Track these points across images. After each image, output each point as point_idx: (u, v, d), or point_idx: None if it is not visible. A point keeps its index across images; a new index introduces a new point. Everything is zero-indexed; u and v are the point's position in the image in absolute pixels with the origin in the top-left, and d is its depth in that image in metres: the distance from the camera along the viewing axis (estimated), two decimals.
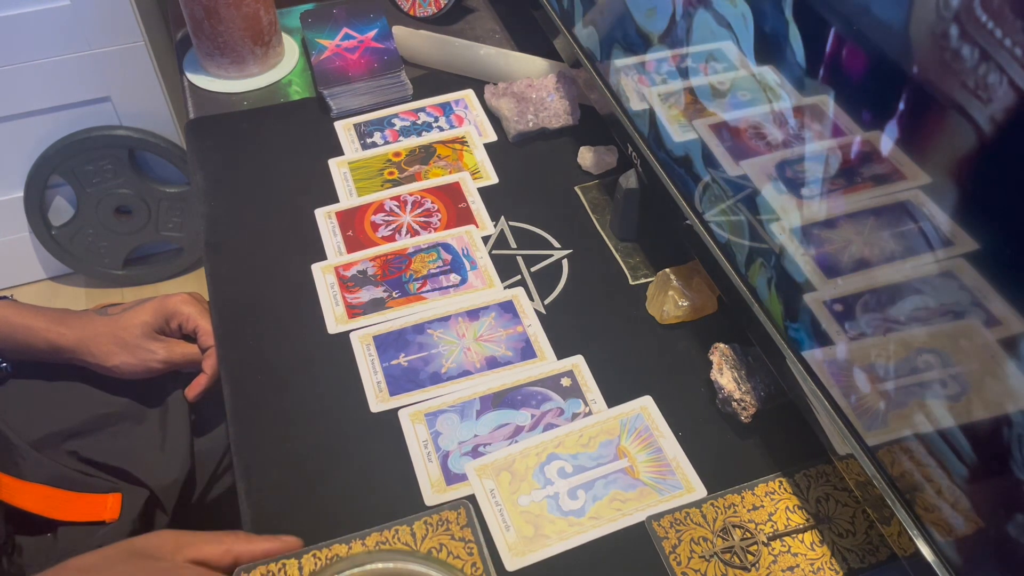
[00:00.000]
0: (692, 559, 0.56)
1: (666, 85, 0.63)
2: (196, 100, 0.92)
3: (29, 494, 0.71)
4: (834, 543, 0.57)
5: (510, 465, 0.61)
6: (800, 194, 0.49)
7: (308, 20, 0.95)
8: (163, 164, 1.66)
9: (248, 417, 0.65)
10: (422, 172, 0.83)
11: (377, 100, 0.90)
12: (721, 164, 0.57)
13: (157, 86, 1.56)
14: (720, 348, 0.64)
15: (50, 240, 1.68)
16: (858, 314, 0.47)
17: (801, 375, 0.54)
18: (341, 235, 0.77)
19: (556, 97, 0.86)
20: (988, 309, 0.37)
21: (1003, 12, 0.31)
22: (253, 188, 0.82)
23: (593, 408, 0.64)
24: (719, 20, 0.53)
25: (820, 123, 0.45)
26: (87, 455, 0.76)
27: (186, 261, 1.77)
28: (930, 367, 0.42)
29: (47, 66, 1.47)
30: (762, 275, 0.56)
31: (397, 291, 0.73)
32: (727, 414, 0.64)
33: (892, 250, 0.42)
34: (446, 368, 0.67)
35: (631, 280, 0.74)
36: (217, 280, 0.74)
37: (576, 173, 0.84)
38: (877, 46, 0.39)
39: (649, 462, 0.61)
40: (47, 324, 0.75)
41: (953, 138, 0.36)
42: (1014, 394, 0.37)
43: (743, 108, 0.53)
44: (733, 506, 0.59)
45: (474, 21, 1.01)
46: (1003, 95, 0.32)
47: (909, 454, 0.45)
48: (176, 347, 0.78)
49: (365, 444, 0.63)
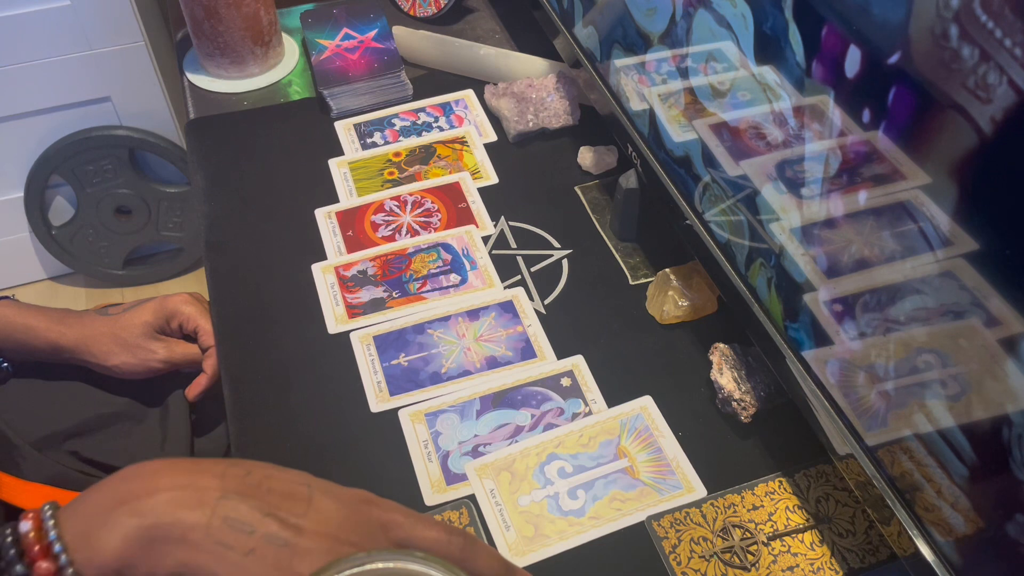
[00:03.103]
0: (692, 559, 0.56)
1: (666, 85, 0.63)
2: (196, 100, 0.92)
3: (29, 494, 0.71)
4: (834, 543, 0.57)
5: (510, 465, 0.61)
6: (800, 194, 0.49)
7: (308, 20, 0.95)
8: (163, 164, 1.67)
9: (248, 417, 0.65)
10: (422, 172, 0.83)
11: (377, 100, 0.90)
12: (721, 164, 0.57)
13: (157, 86, 1.56)
14: (720, 348, 0.64)
15: (50, 240, 1.68)
16: (858, 314, 0.47)
17: (801, 375, 0.54)
18: (341, 235, 0.77)
19: (556, 97, 0.86)
20: (988, 309, 0.37)
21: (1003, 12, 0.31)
22: (253, 188, 0.82)
23: (593, 408, 0.65)
24: (719, 20, 0.53)
25: (820, 123, 0.45)
26: (87, 455, 0.76)
27: (186, 261, 1.77)
28: (930, 367, 0.42)
29: (47, 66, 1.47)
30: (762, 275, 0.56)
31: (397, 291, 0.73)
32: (727, 414, 0.64)
33: (892, 250, 0.42)
34: (446, 368, 0.67)
35: (631, 280, 0.74)
36: (217, 280, 0.74)
37: (576, 173, 0.84)
38: (877, 46, 0.39)
39: (649, 462, 0.61)
40: (47, 324, 0.75)
41: (953, 138, 0.36)
42: (1014, 394, 0.37)
43: (743, 108, 0.53)
44: (733, 506, 0.59)
45: (474, 21, 1.01)
46: (1003, 95, 0.32)
47: (909, 454, 0.45)
48: (176, 347, 0.78)
49: (365, 444, 0.63)
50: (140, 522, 0.38)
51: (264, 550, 0.39)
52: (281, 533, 0.39)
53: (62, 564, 0.37)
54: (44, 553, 0.38)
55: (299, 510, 0.41)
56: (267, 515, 0.40)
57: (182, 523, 0.38)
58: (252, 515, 0.39)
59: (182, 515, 0.39)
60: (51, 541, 0.38)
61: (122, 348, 0.75)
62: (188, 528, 0.38)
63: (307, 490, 0.42)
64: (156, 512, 0.39)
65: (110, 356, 0.75)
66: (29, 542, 0.38)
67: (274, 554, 0.39)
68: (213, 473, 0.41)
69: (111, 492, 0.40)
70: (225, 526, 0.39)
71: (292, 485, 0.42)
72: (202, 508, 0.39)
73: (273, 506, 0.40)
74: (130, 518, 0.38)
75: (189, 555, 0.38)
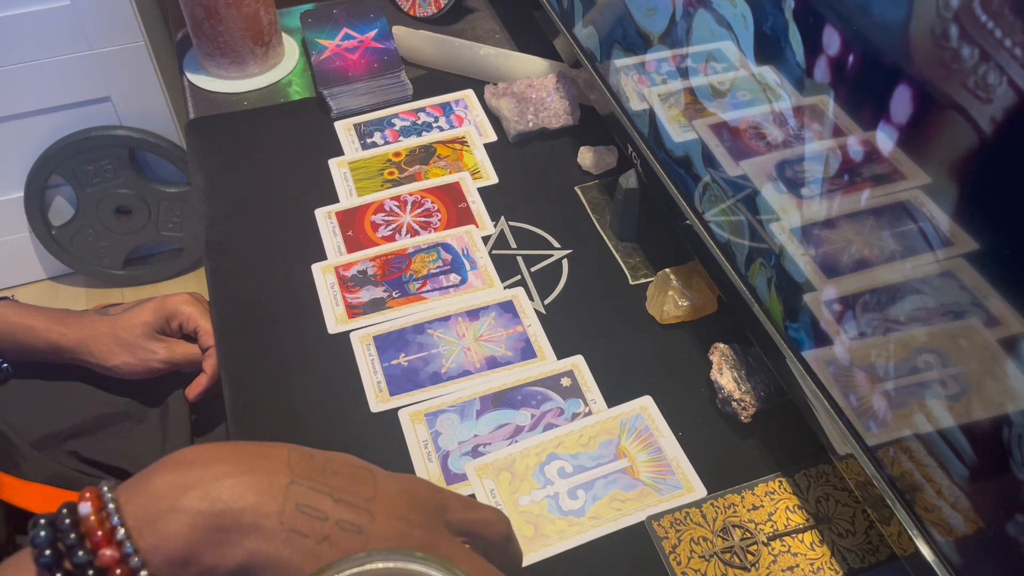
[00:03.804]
0: (692, 559, 0.56)
1: (666, 85, 0.63)
2: (196, 100, 0.92)
3: (29, 494, 0.71)
4: (834, 543, 0.57)
5: (510, 465, 0.61)
6: (800, 194, 0.49)
7: (308, 20, 0.95)
8: (163, 164, 1.67)
9: (248, 417, 0.65)
10: (422, 172, 0.83)
11: (377, 100, 0.90)
12: (721, 164, 0.57)
13: (157, 86, 1.56)
14: (720, 348, 0.64)
15: (50, 240, 1.68)
16: (858, 314, 0.47)
17: (801, 375, 0.54)
18: (341, 235, 0.77)
19: (556, 97, 0.86)
20: (988, 309, 0.37)
21: (1003, 12, 0.31)
22: (253, 188, 0.82)
23: (593, 408, 0.64)
24: (719, 20, 0.53)
25: (820, 123, 0.45)
26: (87, 455, 0.76)
27: (186, 261, 1.77)
28: (930, 367, 0.42)
29: (47, 66, 1.47)
30: (762, 275, 0.56)
31: (397, 291, 0.73)
32: (727, 414, 0.64)
33: (892, 250, 0.42)
34: (446, 368, 0.67)
35: (631, 280, 0.74)
36: (217, 280, 0.74)
37: (576, 173, 0.84)
38: (877, 46, 0.39)
39: (649, 462, 0.61)
40: (47, 324, 0.75)
41: (953, 138, 0.36)
42: (1014, 394, 0.37)
43: (743, 108, 0.53)
44: (733, 506, 0.59)
45: (474, 21, 1.01)
46: (1003, 95, 0.32)
47: (909, 454, 0.45)
48: (176, 347, 0.78)
49: (365, 444, 0.63)
50: (209, 508, 0.36)
51: (338, 537, 0.37)
52: (355, 519, 0.38)
53: (127, 552, 0.35)
54: (108, 539, 0.35)
55: (367, 494, 0.39)
56: (337, 501, 0.38)
57: (255, 510, 0.36)
58: (323, 501, 0.38)
59: (253, 501, 0.37)
60: (114, 526, 0.35)
61: (122, 348, 0.75)
62: (261, 515, 0.36)
63: (370, 474, 0.41)
64: (225, 498, 0.36)
65: (110, 356, 0.75)
66: (91, 526, 0.35)
67: (348, 541, 0.37)
68: (278, 458, 0.39)
69: (174, 475, 0.37)
70: (298, 513, 0.37)
71: (354, 468, 0.40)
72: (273, 494, 0.37)
73: (341, 490, 0.39)
74: (198, 503, 0.36)
75: (260, 544, 0.36)
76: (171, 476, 0.37)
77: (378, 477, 0.41)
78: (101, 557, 0.35)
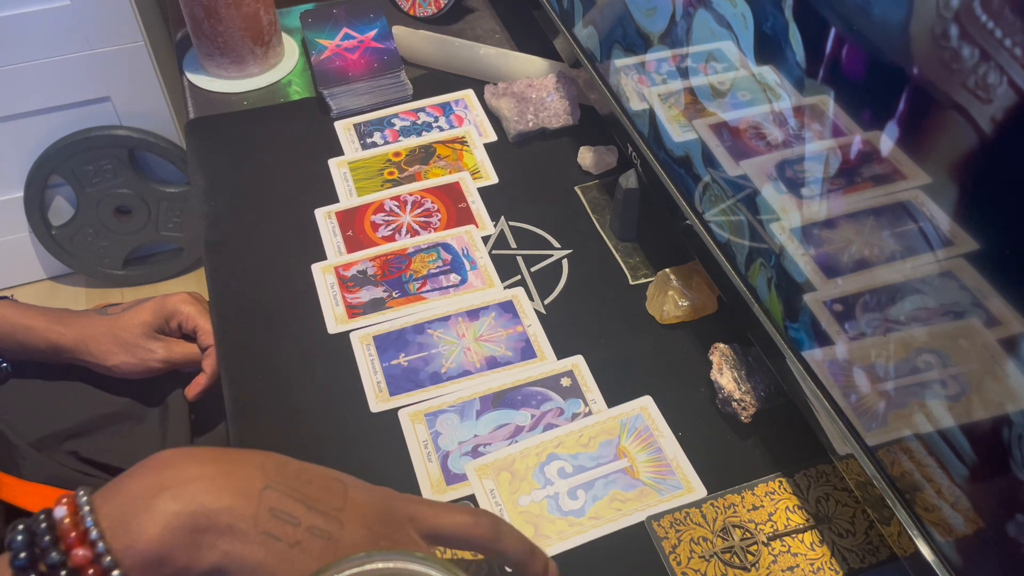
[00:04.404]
0: (692, 559, 0.56)
1: (666, 85, 0.63)
2: (196, 100, 0.92)
3: (29, 494, 0.71)
4: (834, 543, 0.57)
5: (510, 465, 0.61)
6: (800, 194, 0.49)
7: (308, 20, 0.95)
8: (163, 164, 1.67)
9: (248, 417, 0.65)
10: (422, 172, 0.83)
11: (377, 100, 0.90)
12: (721, 164, 0.57)
13: (157, 86, 1.56)
14: (720, 348, 0.64)
15: (50, 240, 1.68)
16: (858, 314, 0.47)
17: (801, 375, 0.54)
18: (341, 235, 0.77)
19: (556, 97, 0.86)
20: (988, 309, 0.37)
21: (1003, 12, 0.31)
22: (253, 188, 0.82)
23: (593, 408, 0.64)
24: (719, 20, 0.53)
25: (820, 123, 0.45)
26: (87, 455, 0.76)
27: (186, 261, 1.77)
28: (930, 367, 0.42)
29: (47, 66, 1.47)
30: (762, 275, 0.56)
31: (397, 291, 0.73)
32: (727, 414, 0.64)
33: (892, 250, 0.42)
34: (446, 368, 0.67)
35: (631, 280, 0.74)
36: (217, 280, 0.74)
37: (576, 173, 0.84)
38: (877, 46, 0.39)
39: (649, 462, 0.61)
40: (47, 324, 0.75)
41: (953, 138, 0.36)
42: (1014, 394, 0.37)
43: (743, 108, 0.53)
44: (733, 506, 0.59)
45: (474, 21, 1.01)
46: (1003, 95, 0.32)
47: (909, 454, 0.45)
48: (176, 347, 0.78)
49: (365, 444, 0.63)
50: (183, 508, 0.37)
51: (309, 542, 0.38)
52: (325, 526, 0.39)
53: (99, 551, 0.36)
54: (81, 540, 0.36)
55: (337, 503, 0.40)
56: (309, 508, 0.39)
57: (230, 512, 0.37)
58: (296, 507, 0.39)
59: (229, 503, 0.37)
60: (88, 527, 0.36)
61: (121, 348, 0.75)
62: (237, 518, 0.37)
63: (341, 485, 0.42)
64: (200, 500, 0.37)
65: (109, 356, 0.75)
66: (65, 528, 0.36)
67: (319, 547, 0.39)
68: (253, 463, 0.40)
69: (149, 478, 0.38)
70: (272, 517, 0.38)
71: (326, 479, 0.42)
72: (247, 498, 0.38)
73: (312, 498, 0.40)
74: (172, 504, 0.37)
75: (235, 545, 0.37)
76: (146, 478, 0.38)
77: (349, 488, 0.42)
78: (73, 557, 0.36)
